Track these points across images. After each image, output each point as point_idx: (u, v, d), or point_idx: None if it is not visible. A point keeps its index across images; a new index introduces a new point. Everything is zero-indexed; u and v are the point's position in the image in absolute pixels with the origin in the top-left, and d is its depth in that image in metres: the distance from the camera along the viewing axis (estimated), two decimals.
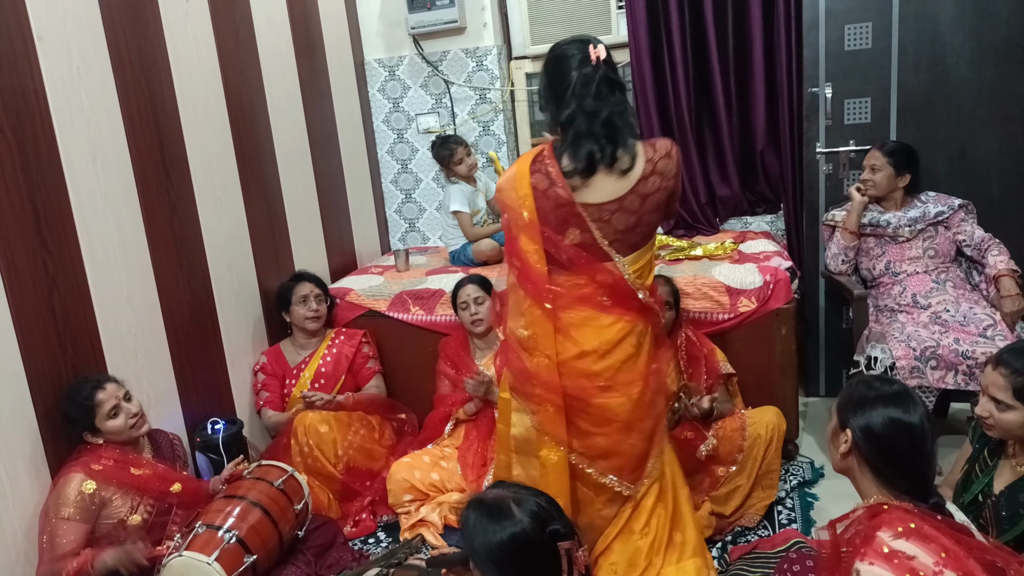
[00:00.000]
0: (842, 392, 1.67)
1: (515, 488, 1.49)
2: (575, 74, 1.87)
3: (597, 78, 1.87)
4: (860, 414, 1.56)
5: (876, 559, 1.38)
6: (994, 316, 2.67)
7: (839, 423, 1.61)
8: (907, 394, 1.58)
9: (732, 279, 2.88)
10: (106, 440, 2.14)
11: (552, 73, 1.93)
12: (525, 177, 1.91)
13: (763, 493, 2.57)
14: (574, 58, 1.89)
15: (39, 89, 2.14)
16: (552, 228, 1.91)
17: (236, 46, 3.01)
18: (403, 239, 4.24)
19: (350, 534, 2.66)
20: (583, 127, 1.87)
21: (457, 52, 3.86)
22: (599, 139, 1.86)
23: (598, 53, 1.88)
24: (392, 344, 3.23)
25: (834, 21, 3.08)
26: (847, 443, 1.57)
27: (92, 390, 2.12)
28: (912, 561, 1.36)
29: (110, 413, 2.12)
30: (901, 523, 1.42)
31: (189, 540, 2.04)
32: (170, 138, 2.63)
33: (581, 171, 1.87)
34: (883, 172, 2.94)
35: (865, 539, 1.42)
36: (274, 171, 3.23)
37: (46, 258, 2.14)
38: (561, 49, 1.93)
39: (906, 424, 1.52)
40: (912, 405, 1.54)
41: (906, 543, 1.38)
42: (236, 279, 2.96)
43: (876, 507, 1.50)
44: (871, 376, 1.65)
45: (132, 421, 2.17)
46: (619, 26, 3.72)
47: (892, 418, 1.52)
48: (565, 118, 1.89)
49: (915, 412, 1.53)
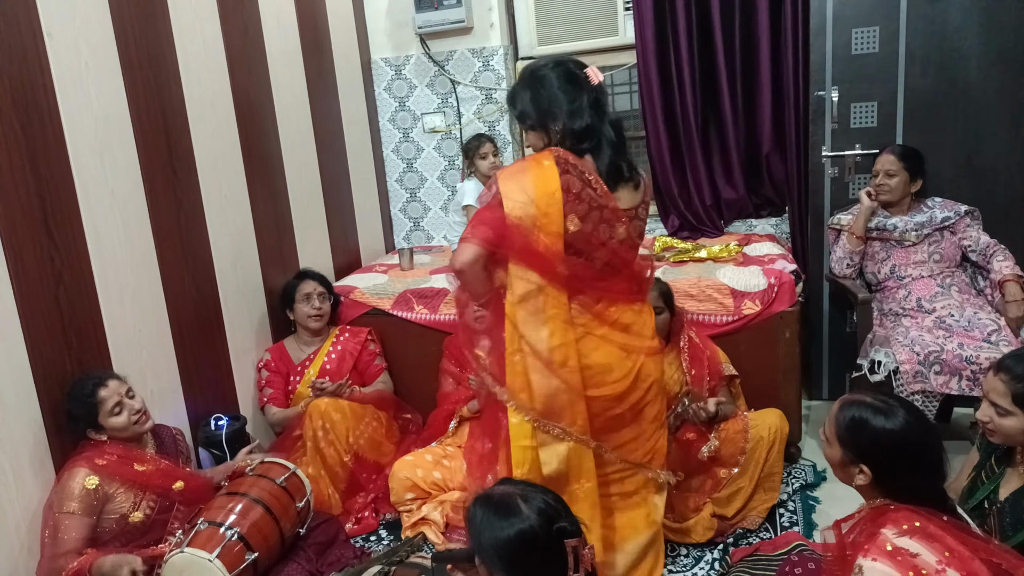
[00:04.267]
0: (842, 420, 1.60)
1: (522, 485, 1.50)
2: (585, 93, 1.93)
3: (604, 99, 1.98)
4: (872, 446, 1.54)
5: (879, 555, 1.38)
6: (999, 321, 2.66)
7: (849, 457, 1.58)
8: (910, 410, 1.58)
9: (736, 281, 2.88)
10: (110, 436, 2.15)
11: (567, 89, 1.93)
12: (555, 177, 1.85)
13: (765, 495, 2.57)
14: (584, 79, 1.95)
15: (48, 85, 2.15)
16: (591, 228, 1.90)
17: (244, 44, 3.02)
18: (407, 238, 4.24)
19: (352, 532, 2.66)
20: (610, 135, 1.93)
21: (464, 52, 3.87)
22: (620, 150, 1.94)
23: (600, 78, 1.96)
24: (396, 343, 3.24)
25: (842, 25, 3.07)
26: (864, 476, 1.55)
27: (94, 387, 2.12)
28: (915, 559, 1.36)
29: (113, 410, 2.12)
30: (906, 521, 1.42)
31: (191, 536, 2.05)
32: (177, 135, 2.64)
33: (608, 179, 1.91)
34: (898, 177, 2.94)
35: (869, 536, 1.42)
36: (280, 169, 3.24)
37: (53, 253, 2.15)
38: (569, 67, 1.96)
39: (920, 443, 1.52)
40: (918, 420, 1.55)
41: (909, 541, 1.38)
42: (241, 276, 2.97)
43: (882, 507, 1.50)
44: (867, 399, 1.61)
45: (135, 418, 2.17)
46: (626, 28, 3.73)
47: (905, 447, 1.51)
48: (582, 128, 1.91)
49: (924, 427, 1.53)
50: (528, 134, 2.01)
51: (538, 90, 1.94)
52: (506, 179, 1.88)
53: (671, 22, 3.42)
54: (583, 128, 1.91)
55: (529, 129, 1.99)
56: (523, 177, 1.87)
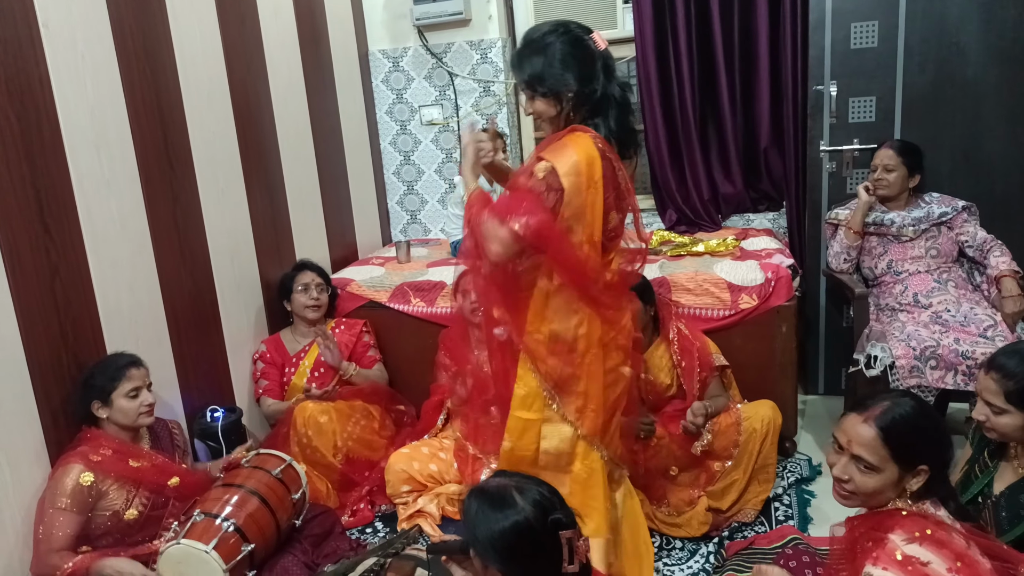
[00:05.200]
0: (888, 433, 1.50)
1: (517, 477, 1.50)
2: (596, 58, 1.86)
3: (613, 64, 1.91)
4: (925, 443, 1.50)
5: (889, 564, 1.36)
6: (995, 317, 2.67)
7: (902, 466, 1.50)
8: (910, 395, 1.59)
9: (734, 276, 2.88)
10: (110, 418, 2.15)
11: (577, 54, 1.84)
12: (597, 163, 1.79)
13: (759, 487, 2.58)
14: (592, 43, 1.87)
15: (43, 76, 2.14)
16: (619, 215, 1.92)
17: (241, 36, 3.01)
18: (404, 231, 4.24)
19: (348, 524, 2.67)
20: (619, 96, 1.88)
21: (461, 44, 3.86)
22: (629, 112, 1.91)
23: (605, 44, 1.90)
24: (392, 335, 3.24)
25: (840, 19, 3.07)
26: (924, 474, 1.49)
27: (128, 364, 2.19)
28: (926, 567, 1.34)
29: (130, 392, 2.16)
30: (917, 528, 1.40)
31: (187, 528, 2.05)
32: (174, 127, 2.63)
33: (619, 146, 1.88)
34: (897, 172, 2.94)
35: (878, 542, 1.40)
36: (277, 161, 3.23)
37: (49, 245, 2.15)
38: (576, 32, 1.87)
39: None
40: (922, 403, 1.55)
41: (920, 548, 1.37)
42: (238, 268, 2.96)
43: (894, 511, 1.48)
44: (884, 402, 1.55)
45: (144, 409, 2.19)
46: (625, 20, 3.72)
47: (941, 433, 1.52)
48: (596, 94, 1.85)
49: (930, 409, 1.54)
50: (535, 101, 1.89)
51: (551, 55, 1.84)
52: (566, 175, 1.77)
53: (670, 15, 3.41)
54: (599, 94, 1.85)
55: (540, 96, 1.88)
56: (581, 162, 1.78)
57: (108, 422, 2.17)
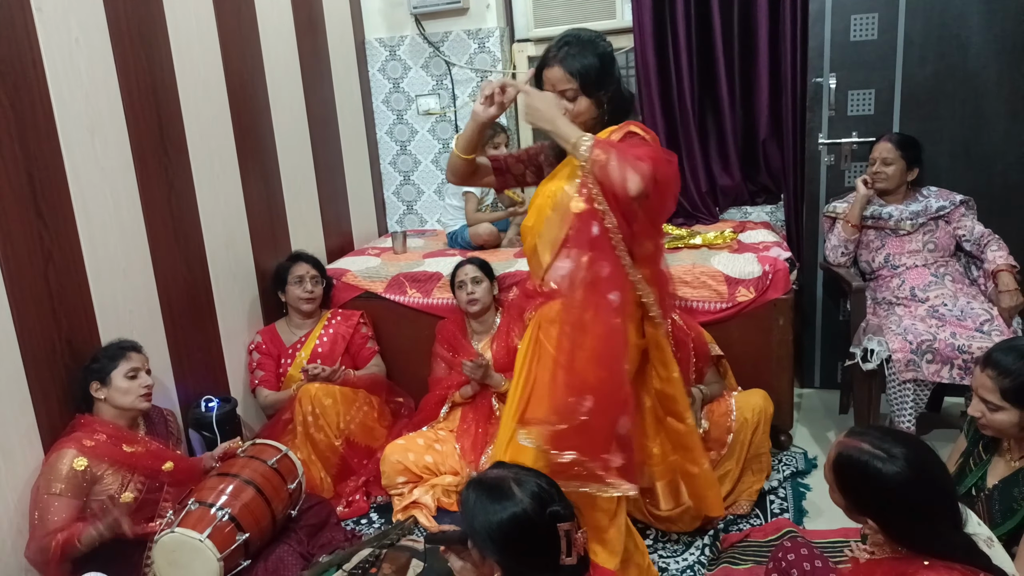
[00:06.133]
0: (837, 468, 1.48)
1: (516, 469, 1.49)
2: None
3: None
4: (873, 497, 1.43)
5: None
6: (992, 311, 2.67)
7: (850, 506, 1.48)
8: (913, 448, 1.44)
9: (731, 268, 2.87)
10: (107, 399, 2.15)
11: (612, 65, 2.00)
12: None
13: (753, 477, 2.58)
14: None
15: (37, 60, 2.11)
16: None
17: (237, 23, 2.98)
18: (401, 221, 4.22)
19: (343, 515, 2.66)
20: (629, 95, 2.05)
21: (459, 33, 3.83)
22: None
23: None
24: (388, 326, 3.23)
25: (840, 11, 3.05)
26: (871, 528, 1.44)
27: (130, 347, 2.24)
28: None
29: (129, 373, 2.18)
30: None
31: (182, 517, 2.04)
32: (169, 114, 2.61)
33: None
34: (895, 166, 2.93)
35: None
36: (272, 150, 3.21)
37: (42, 231, 2.13)
38: (606, 45, 2.01)
39: (927, 488, 1.39)
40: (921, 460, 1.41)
41: None
42: (232, 258, 2.94)
43: (913, 559, 1.40)
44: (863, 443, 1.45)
45: (143, 391, 2.20)
46: (623, 11, 3.70)
47: (908, 495, 1.37)
48: (630, 94, 2.05)
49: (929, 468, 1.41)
50: (578, 100, 1.96)
51: (606, 59, 1.98)
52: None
53: (669, 6, 3.39)
54: (630, 94, 2.04)
55: (586, 96, 1.95)
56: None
57: (105, 404, 2.16)
